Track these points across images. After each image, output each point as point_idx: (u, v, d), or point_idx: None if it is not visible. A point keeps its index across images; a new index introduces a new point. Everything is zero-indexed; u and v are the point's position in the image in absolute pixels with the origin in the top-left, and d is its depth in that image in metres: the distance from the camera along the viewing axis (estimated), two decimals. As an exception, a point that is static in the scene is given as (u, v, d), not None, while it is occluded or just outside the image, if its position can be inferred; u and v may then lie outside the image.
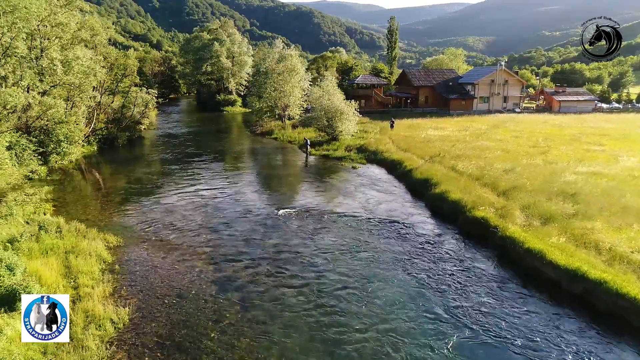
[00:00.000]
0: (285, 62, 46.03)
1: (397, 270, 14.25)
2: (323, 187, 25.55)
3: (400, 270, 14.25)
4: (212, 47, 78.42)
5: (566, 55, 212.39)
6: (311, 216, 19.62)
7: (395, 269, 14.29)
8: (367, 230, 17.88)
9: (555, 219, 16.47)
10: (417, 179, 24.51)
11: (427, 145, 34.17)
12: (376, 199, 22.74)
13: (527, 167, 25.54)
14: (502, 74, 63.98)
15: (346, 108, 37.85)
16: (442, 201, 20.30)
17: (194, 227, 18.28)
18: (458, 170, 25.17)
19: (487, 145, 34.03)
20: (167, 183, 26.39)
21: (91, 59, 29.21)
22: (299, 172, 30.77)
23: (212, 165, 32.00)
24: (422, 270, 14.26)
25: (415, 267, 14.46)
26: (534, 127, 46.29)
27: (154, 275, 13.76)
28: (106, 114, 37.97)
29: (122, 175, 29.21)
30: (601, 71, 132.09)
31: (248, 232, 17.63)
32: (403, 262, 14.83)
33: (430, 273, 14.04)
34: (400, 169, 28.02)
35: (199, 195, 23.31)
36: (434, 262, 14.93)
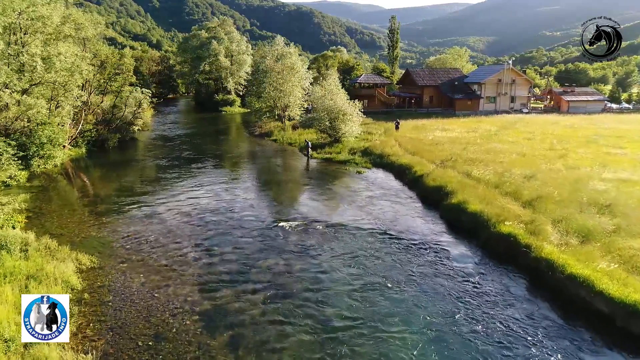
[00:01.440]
0: (285, 60, 43.90)
1: (415, 303, 12.13)
2: (326, 195, 23.42)
3: (420, 304, 12.13)
4: (210, 46, 76.31)
5: (568, 55, 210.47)
6: (313, 230, 17.51)
7: (413, 302, 12.18)
8: (377, 249, 15.76)
9: (594, 236, 14.36)
10: (429, 187, 22.38)
11: (436, 148, 32.06)
12: (385, 209, 20.62)
13: (548, 172, 23.43)
14: (509, 73, 61.85)
15: (350, 109, 35.72)
16: (460, 213, 18.19)
17: (182, 243, 16.16)
18: (473, 177, 23.05)
19: (500, 148, 31.92)
20: (156, 190, 24.27)
21: (76, 56, 27.06)
22: (300, 177, 28.63)
23: (206, 170, 29.88)
24: (445, 301, 12.15)
25: (438, 298, 12.35)
26: (545, 128, 44.18)
27: (129, 306, 11.64)
28: (95, 114, 35.79)
29: (109, 181, 27.11)
30: (605, 71, 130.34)
31: (242, 251, 15.51)
32: (422, 293, 12.71)
33: (456, 306, 11.92)
34: (409, 174, 25.89)
35: (190, 204, 21.19)
36: (458, 291, 12.80)
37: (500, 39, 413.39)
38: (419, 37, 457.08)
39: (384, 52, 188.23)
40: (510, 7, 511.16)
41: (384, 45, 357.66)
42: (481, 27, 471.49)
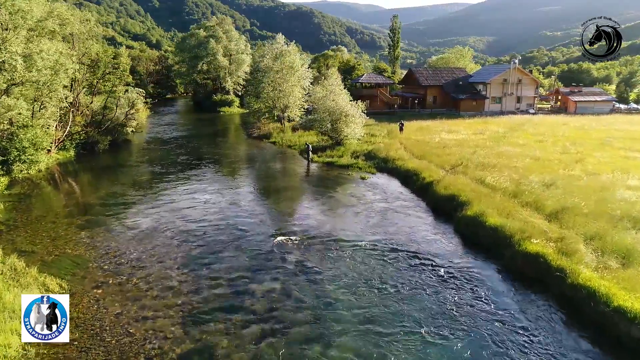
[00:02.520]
0: (284, 59, 42.08)
1: (434, 338, 10.37)
2: (327, 204, 21.62)
3: (439, 338, 10.36)
4: (208, 45, 74.40)
5: (569, 55, 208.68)
6: (314, 247, 15.73)
7: (431, 337, 10.41)
8: (387, 272, 13.97)
9: (636, 257, 12.59)
10: (440, 195, 20.57)
11: (444, 151, 30.28)
12: (392, 220, 18.84)
13: (568, 179, 21.66)
14: (515, 72, 60.05)
15: (352, 110, 33.92)
16: (477, 227, 16.40)
17: (167, 263, 14.37)
18: (488, 184, 21.27)
19: (512, 151, 30.15)
20: (145, 199, 22.48)
21: (60, 53, 25.26)
22: (300, 183, 26.81)
23: (200, 176, 28.09)
24: (467, 334, 10.39)
25: (459, 331, 10.58)
26: (555, 130, 42.38)
27: (98, 347, 9.85)
28: (84, 115, 33.96)
29: (95, 188, 25.32)
30: (609, 71, 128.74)
31: (235, 273, 13.72)
32: (442, 325, 10.94)
33: (482, 340, 10.16)
34: (417, 181, 24.09)
35: (179, 216, 19.40)
36: (481, 319, 11.04)
37: (500, 38, 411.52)
38: (419, 37, 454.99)
39: (384, 52, 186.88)
40: (510, 7, 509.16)
41: (384, 45, 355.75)
42: (481, 27, 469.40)
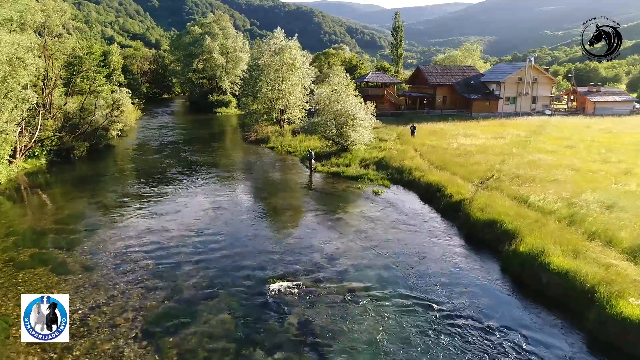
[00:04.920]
0: (284, 56, 38.16)
1: None
2: (336, 230, 17.63)
3: None
4: (204, 42, 70.49)
5: (573, 54, 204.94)
6: (321, 297, 11.82)
7: None
8: (420, 342, 10.08)
9: None
10: (475, 220, 16.57)
11: (467, 160, 26.36)
12: (419, 254, 14.92)
13: (628, 198, 17.77)
14: (531, 71, 56.11)
15: (361, 112, 29.99)
16: (536, 270, 12.44)
17: (119, 330, 10.48)
18: (532, 205, 17.37)
19: (545, 160, 26.26)
20: (112, 224, 18.54)
21: (18, 45, 21.38)
22: (302, 201, 22.66)
23: (186, 190, 24.14)
24: None
25: None
26: (581, 134, 38.46)
27: None
28: (56, 119, 30.04)
29: (61, 204, 21.49)
30: (617, 70, 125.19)
31: (214, 343, 9.83)
32: None
33: None
34: (442, 198, 20.13)
35: (147, 250, 15.47)
36: None
37: (500, 38, 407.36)
38: (420, 36, 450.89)
39: (385, 51, 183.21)
40: (511, 7, 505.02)
41: (384, 45, 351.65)
42: (482, 27, 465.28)
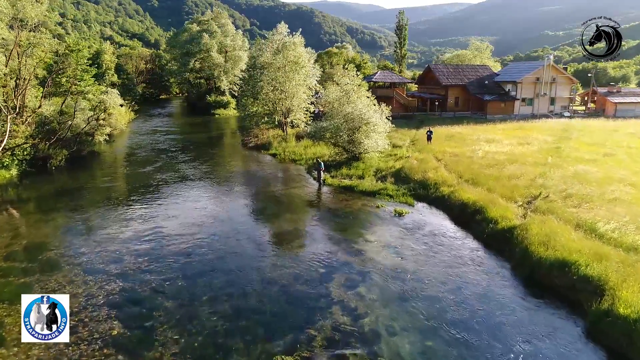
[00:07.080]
0: (287, 53, 34.59)
1: None
2: (357, 272, 13.85)
3: None
4: (201, 40, 66.95)
5: (575, 54, 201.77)
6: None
7: None
8: None
9: None
10: (539, 260, 12.91)
11: (500, 172, 22.81)
12: (472, 312, 11.32)
13: None
14: (549, 70, 52.59)
15: (375, 116, 26.43)
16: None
17: None
18: (604, 236, 13.84)
19: (591, 172, 22.75)
20: (84, 252, 15.03)
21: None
22: (311, 225, 18.71)
23: (174, 208, 20.55)
24: None
25: None
26: (612, 139, 35.01)
27: None
28: (29, 124, 26.43)
29: (33, 222, 17.95)
30: (625, 70, 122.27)
31: None
32: None
33: None
34: (483, 222, 16.51)
35: (123, 287, 11.97)
36: None
37: (501, 38, 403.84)
38: (420, 37, 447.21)
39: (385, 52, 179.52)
40: (511, 7, 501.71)
41: (384, 45, 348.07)
42: (482, 27, 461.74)
